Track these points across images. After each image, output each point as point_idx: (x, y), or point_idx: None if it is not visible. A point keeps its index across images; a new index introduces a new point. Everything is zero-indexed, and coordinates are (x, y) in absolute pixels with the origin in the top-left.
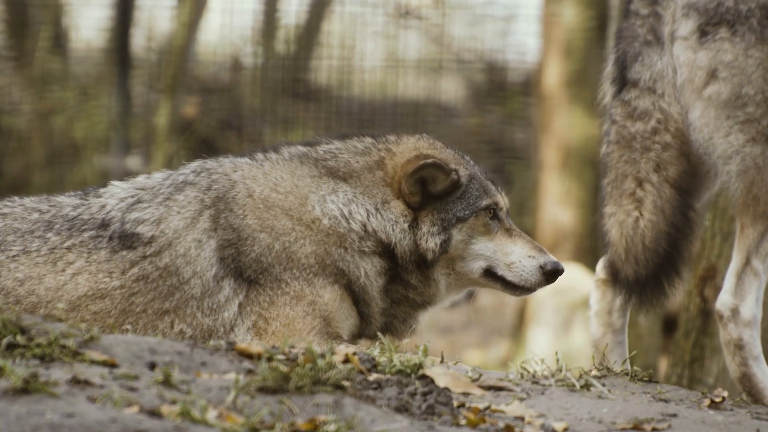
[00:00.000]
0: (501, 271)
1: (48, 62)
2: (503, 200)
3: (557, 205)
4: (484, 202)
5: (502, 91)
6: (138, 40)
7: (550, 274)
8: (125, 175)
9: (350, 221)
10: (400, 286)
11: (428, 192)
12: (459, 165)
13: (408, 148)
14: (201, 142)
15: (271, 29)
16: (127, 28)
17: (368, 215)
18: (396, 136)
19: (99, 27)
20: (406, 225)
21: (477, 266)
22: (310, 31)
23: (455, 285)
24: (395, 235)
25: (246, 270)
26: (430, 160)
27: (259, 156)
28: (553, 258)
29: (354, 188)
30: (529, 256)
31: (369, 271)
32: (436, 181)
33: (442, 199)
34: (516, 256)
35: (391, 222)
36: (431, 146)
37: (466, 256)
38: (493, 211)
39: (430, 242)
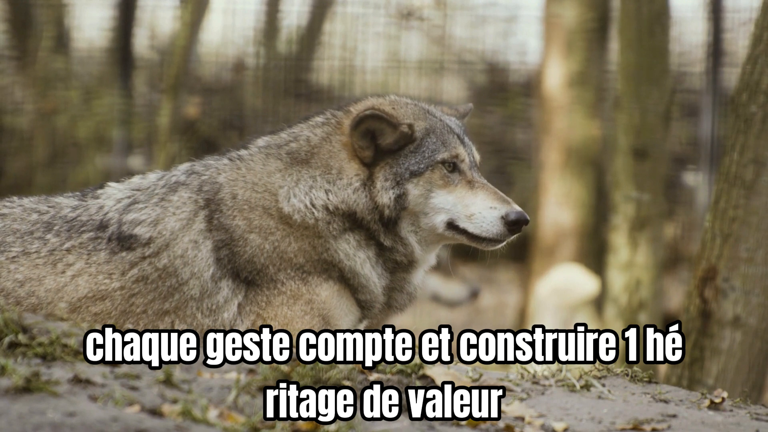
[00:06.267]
0: (463, 224)
1: (50, 62)
2: (465, 152)
3: (558, 205)
4: (441, 155)
5: (503, 92)
6: (140, 40)
7: (512, 223)
8: (128, 175)
9: (314, 210)
10: (387, 251)
11: (379, 146)
12: (417, 119)
13: (366, 106)
14: (203, 142)
15: (273, 30)
16: (129, 28)
17: (327, 194)
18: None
19: (101, 27)
20: (358, 183)
21: (439, 220)
22: (312, 32)
23: (426, 242)
24: (351, 197)
25: (242, 271)
26: (368, 112)
27: (235, 155)
28: (517, 208)
29: (314, 169)
30: (491, 207)
31: (348, 250)
32: (384, 134)
33: (395, 153)
34: (476, 207)
35: (344, 187)
36: (392, 103)
37: (428, 211)
38: (453, 164)
39: (384, 197)
